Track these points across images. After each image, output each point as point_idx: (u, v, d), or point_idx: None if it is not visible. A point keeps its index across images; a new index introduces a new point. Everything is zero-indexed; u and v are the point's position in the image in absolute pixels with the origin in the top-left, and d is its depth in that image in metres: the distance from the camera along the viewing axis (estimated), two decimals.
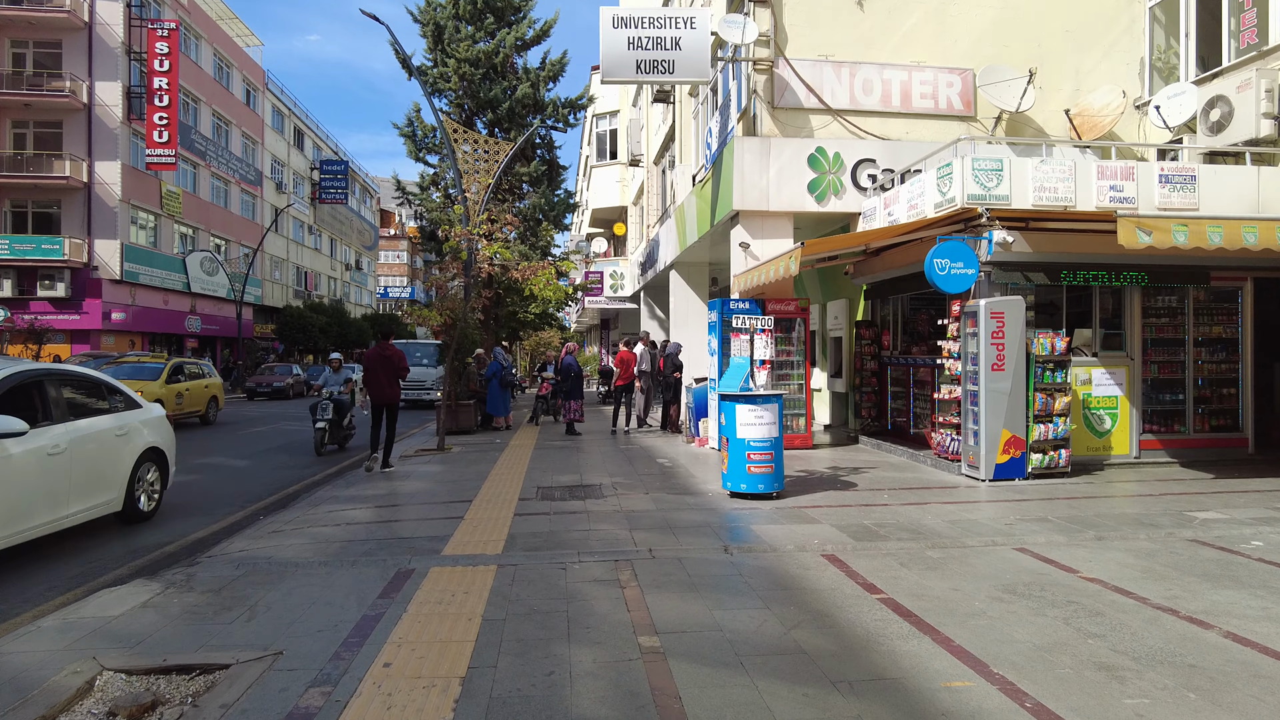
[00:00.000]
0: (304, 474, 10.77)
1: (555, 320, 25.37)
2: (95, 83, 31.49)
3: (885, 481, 8.85)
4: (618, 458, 10.92)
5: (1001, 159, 9.47)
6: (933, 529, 6.51)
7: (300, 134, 54.29)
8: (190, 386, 17.83)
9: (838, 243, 9.94)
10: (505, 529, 6.56)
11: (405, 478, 9.58)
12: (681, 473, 9.47)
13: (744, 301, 11.38)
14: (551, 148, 19.07)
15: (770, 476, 7.69)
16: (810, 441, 11.48)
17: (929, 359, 10.87)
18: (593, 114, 33.46)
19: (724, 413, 7.84)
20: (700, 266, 18.24)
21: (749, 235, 12.05)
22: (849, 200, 12.11)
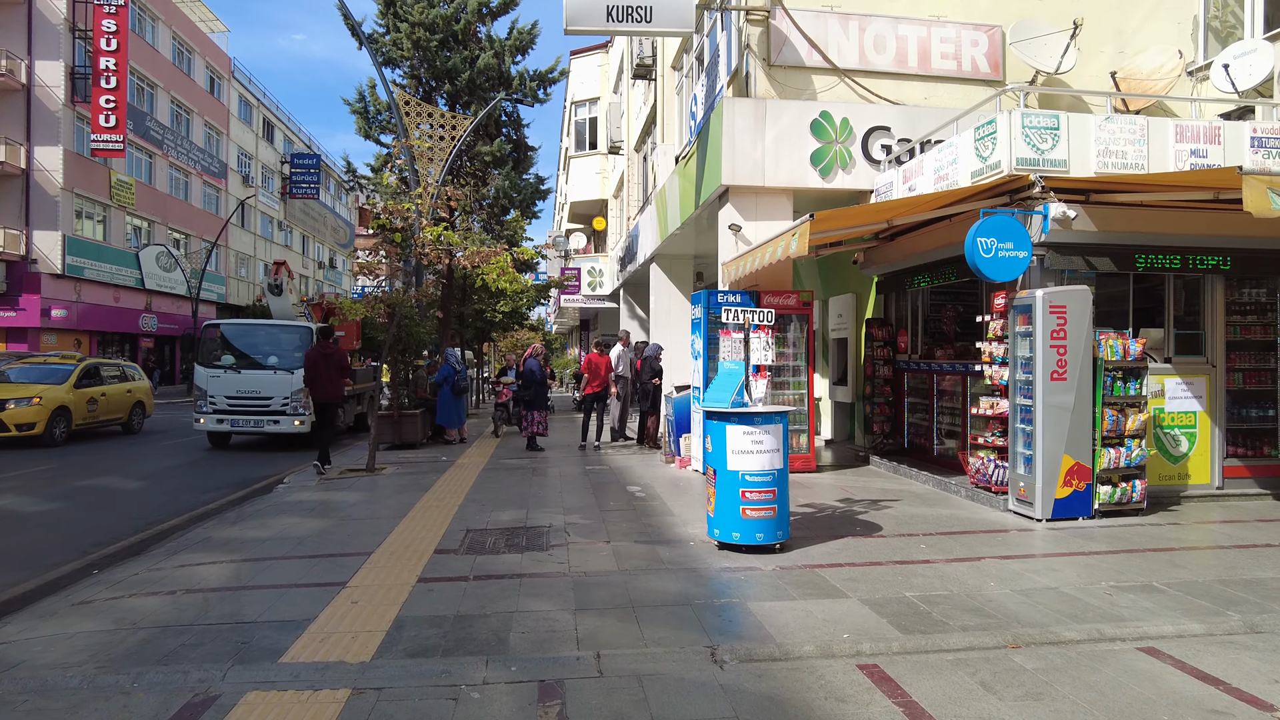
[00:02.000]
0: (200, 499, 8.73)
1: (525, 319, 23.31)
2: (35, 61, 29.20)
3: (916, 522, 6.92)
4: (581, 483, 8.94)
5: (1057, 115, 7.59)
6: (1004, 606, 4.59)
7: (270, 126, 51.94)
8: (108, 391, 15.67)
9: (855, 216, 8.02)
10: (395, 608, 4.57)
11: (307, 512, 7.55)
12: (656, 507, 7.50)
13: (734, 294, 9.45)
14: (519, 125, 17.06)
15: (772, 522, 5.74)
16: (814, 463, 9.54)
17: (958, 364, 8.97)
18: (571, 102, 31.57)
19: (710, 435, 5.89)
20: (684, 260, 16.31)
21: (740, 216, 10.12)
22: (859, 175, 10.22)
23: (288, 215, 53.21)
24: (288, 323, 14.27)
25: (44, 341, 28.92)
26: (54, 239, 29.06)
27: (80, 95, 29.96)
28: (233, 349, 13.89)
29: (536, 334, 36.32)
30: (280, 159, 52.24)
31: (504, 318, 21.01)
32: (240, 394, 13.29)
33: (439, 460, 11.13)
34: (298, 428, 13.08)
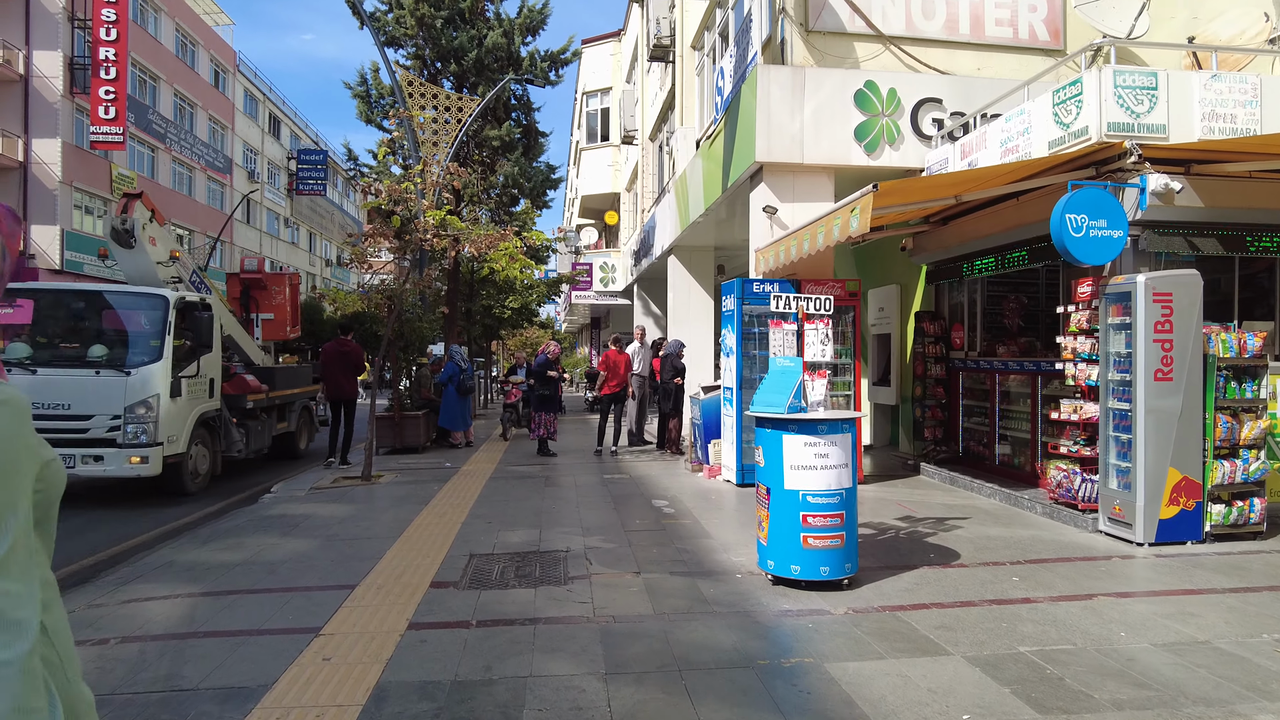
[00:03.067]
0: (175, 511, 7.80)
1: (535, 316, 22.35)
2: (33, 51, 28.46)
3: (995, 546, 5.90)
4: (599, 496, 7.94)
5: (1155, 73, 6.56)
6: (1154, 669, 3.57)
7: (276, 121, 51.22)
8: None
9: (924, 188, 6.98)
10: (378, 668, 3.60)
11: (289, 530, 6.58)
12: (689, 527, 6.50)
13: (771, 283, 8.43)
14: (529, 110, 16.09)
15: (839, 553, 4.74)
16: (860, 474, 8.51)
17: (1026, 362, 7.94)
18: (582, 93, 30.64)
19: (763, 447, 4.88)
20: (704, 252, 15.32)
21: (775, 197, 9.11)
22: (908, 151, 9.20)
23: (294, 212, 52.51)
24: (132, 291, 9.04)
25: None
26: (52, 233, 28.31)
27: (79, 86, 29.19)
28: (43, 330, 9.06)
29: (546, 332, 35.37)
30: (287, 155, 51.53)
31: (513, 314, 20.06)
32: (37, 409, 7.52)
33: (442, 467, 10.16)
34: (135, 467, 7.96)
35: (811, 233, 7.06)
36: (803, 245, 7.32)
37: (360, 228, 68.15)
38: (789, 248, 7.71)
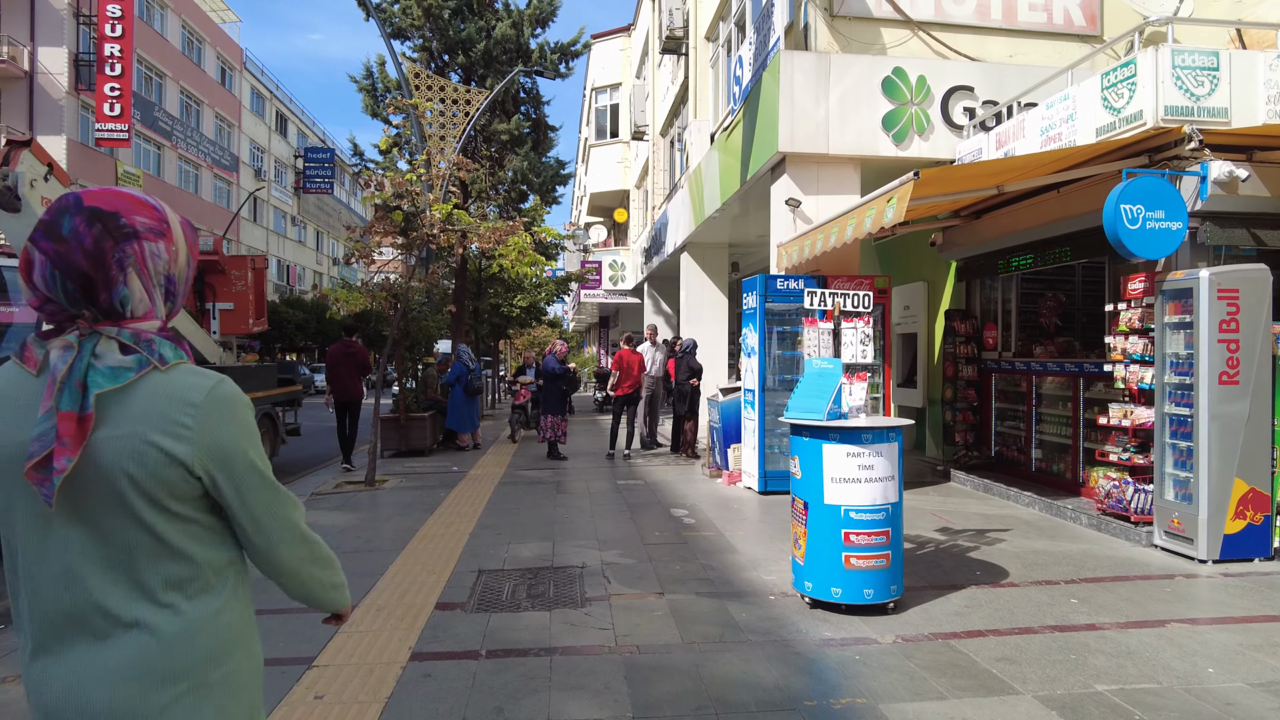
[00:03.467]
0: None
1: (543, 313, 21.95)
2: (38, 48, 28.29)
3: (1045, 562, 5.45)
4: (614, 504, 7.52)
5: (1216, 53, 6.10)
6: (1257, 715, 3.13)
7: (283, 119, 51.06)
8: None
9: (964, 178, 6.50)
10: (377, 708, 3.19)
11: None
12: (713, 540, 6.07)
13: (795, 279, 8.00)
14: (539, 103, 15.68)
15: (884, 574, 4.31)
16: None
17: (1067, 363, 7.48)
18: (591, 89, 30.21)
19: (800, 457, 4.46)
20: (718, 249, 14.90)
21: (799, 190, 8.68)
22: (938, 141, 8.76)
23: (301, 210, 52.26)
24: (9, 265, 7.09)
25: None
26: None
27: (84, 83, 28.96)
28: None
29: (554, 331, 34.98)
30: (294, 153, 51.26)
31: (521, 313, 19.67)
32: None
33: (449, 471, 9.76)
34: None
35: (841, 225, 6.62)
36: (829, 239, 6.88)
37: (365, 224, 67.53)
38: (815, 241, 7.28)
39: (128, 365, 1.15)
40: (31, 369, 1.17)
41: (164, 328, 1.23)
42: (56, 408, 1.11)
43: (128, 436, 1.14)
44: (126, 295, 1.18)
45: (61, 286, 1.15)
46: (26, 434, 1.13)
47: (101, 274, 1.15)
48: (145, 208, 1.21)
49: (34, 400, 1.15)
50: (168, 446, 1.15)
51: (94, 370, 1.13)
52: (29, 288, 1.16)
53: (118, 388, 1.14)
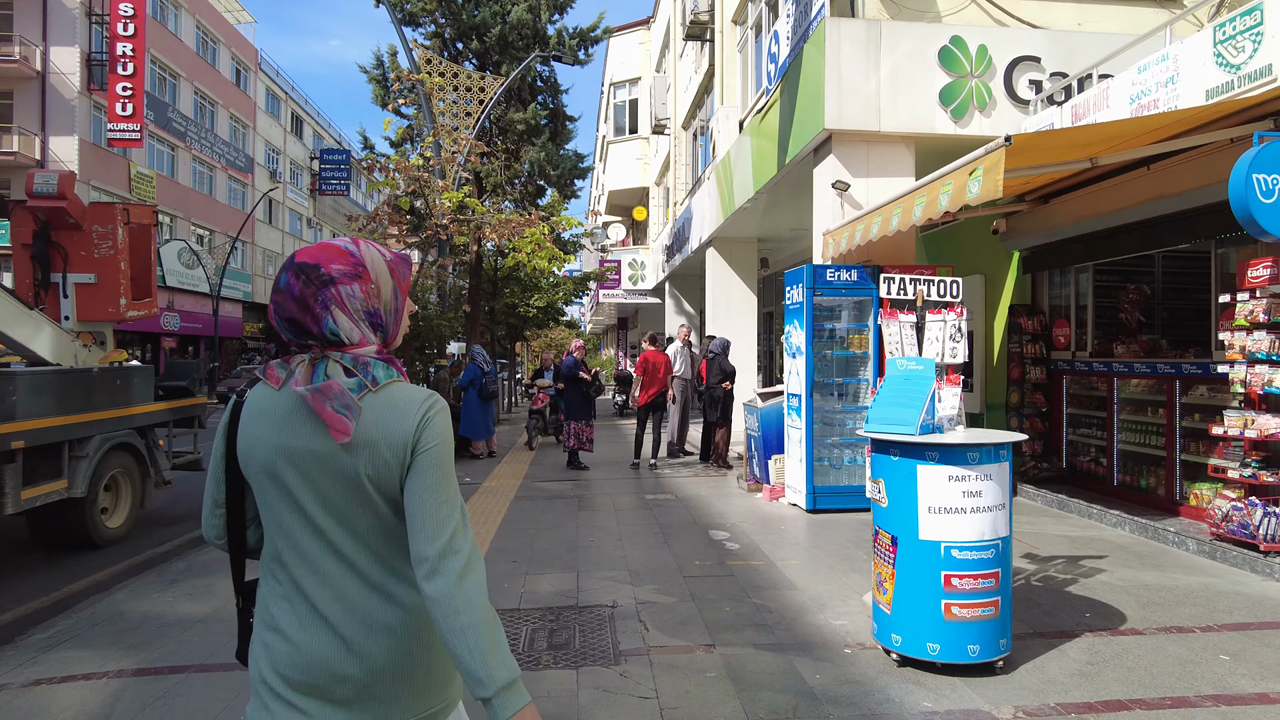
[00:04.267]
0: (150, 537, 6.68)
1: (561, 314, 21.17)
2: (50, 47, 27.92)
3: (1164, 600, 4.56)
4: (644, 523, 6.69)
5: None
6: None
7: (299, 120, 50.69)
8: None
9: (1059, 147, 5.55)
10: None
11: None
12: (763, 571, 5.22)
13: (848, 269, 7.14)
14: (557, 91, 14.91)
15: (993, 626, 3.46)
16: None
17: (1161, 364, 6.57)
18: (610, 84, 29.47)
19: (885, 480, 3.62)
20: (746, 243, 14.06)
21: (846, 172, 7.82)
22: (1000, 117, 7.88)
23: (317, 212, 51.80)
24: None
25: None
26: None
27: (97, 83, 28.62)
28: None
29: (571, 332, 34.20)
30: (310, 155, 50.86)
31: (538, 313, 18.91)
32: None
33: (461, 483, 8.91)
34: None
35: (905, 206, 5.76)
36: (890, 222, 6.02)
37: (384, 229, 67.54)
38: (870, 226, 6.42)
39: (353, 383, 1.37)
40: (275, 385, 1.42)
41: (380, 351, 1.44)
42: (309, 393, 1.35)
43: (368, 444, 1.35)
44: (335, 328, 1.39)
45: (282, 325, 1.41)
46: (275, 438, 1.38)
47: (307, 314, 1.37)
48: (342, 255, 1.41)
49: (279, 410, 1.40)
50: (389, 453, 1.36)
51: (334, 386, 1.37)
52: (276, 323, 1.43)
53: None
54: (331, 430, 1.32)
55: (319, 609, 1.36)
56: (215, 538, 1.56)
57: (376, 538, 1.38)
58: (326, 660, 1.34)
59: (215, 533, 1.55)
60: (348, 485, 1.35)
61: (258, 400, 1.43)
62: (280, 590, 1.40)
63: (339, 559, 1.37)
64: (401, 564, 1.40)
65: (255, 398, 1.44)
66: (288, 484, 1.37)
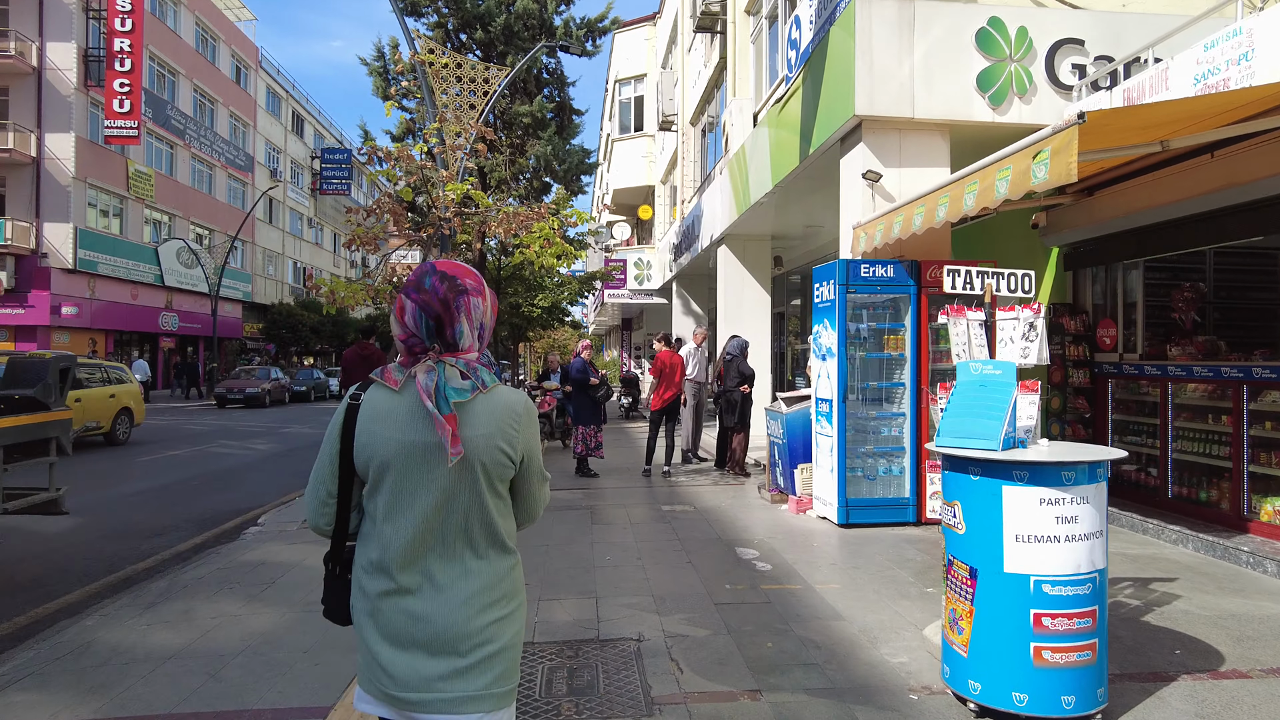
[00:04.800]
0: (140, 548, 6.20)
1: (566, 314, 20.68)
2: (46, 43, 27.46)
3: (1259, 634, 4.06)
4: (664, 539, 6.20)
5: None
6: None
7: (299, 119, 50.24)
8: (84, 396, 13.37)
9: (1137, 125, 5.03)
10: None
11: (261, 589, 4.95)
12: (801, 597, 4.72)
13: (883, 264, 6.65)
14: (563, 84, 14.45)
15: (1090, 673, 2.97)
16: None
17: (1226, 367, 6.07)
18: (615, 81, 29.01)
19: (962, 502, 3.12)
20: (759, 241, 13.59)
21: (878, 161, 7.33)
22: (1042, 105, 7.39)
23: (318, 212, 51.47)
24: None
25: (55, 341, 27.12)
26: (65, 231, 27.24)
27: (94, 79, 28.16)
28: None
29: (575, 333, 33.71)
30: (311, 154, 50.47)
31: (543, 313, 18.42)
32: None
33: None
34: None
35: (954, 195, 5.27)
36: (935, 214, 5.53)
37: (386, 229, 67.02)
38: (910, 218, 5.93)
39: (466, 387, 1.60)
40: (394, 387, 1.61)
41: (479, 358, 1.66)
42: (435, 412, 1.55)
43: (483, 439, 1.60)
44: (461, 332, 1.63)
45: (424, 324, 1.62)
46: (399, 434, 1.58)
47: (448, 316, 1.62)
48: (471, 273, 1.70)
49: (400, 410, 1.60)
50: (505, 447, 1.64)
51: (449, 386, 1.58)
52: (400, 326, 1.64)
53: (461, 401, 1.59)
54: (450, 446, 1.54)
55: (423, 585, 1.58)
56: (325, 525, 1.71)
57: (476, 513, 1.61)
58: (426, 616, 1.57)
59: (326, 521, 1.70)
60: (465, 472, 1.59)
61: (376, 401, 1.62)
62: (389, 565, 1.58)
63: (444, 531, 1.59)
64: (492, 533, 1.63)
65: (373, 399, 1.62)
66: (409, 472, 1.58)
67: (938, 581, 4.81)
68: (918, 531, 6.29)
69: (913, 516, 6.44)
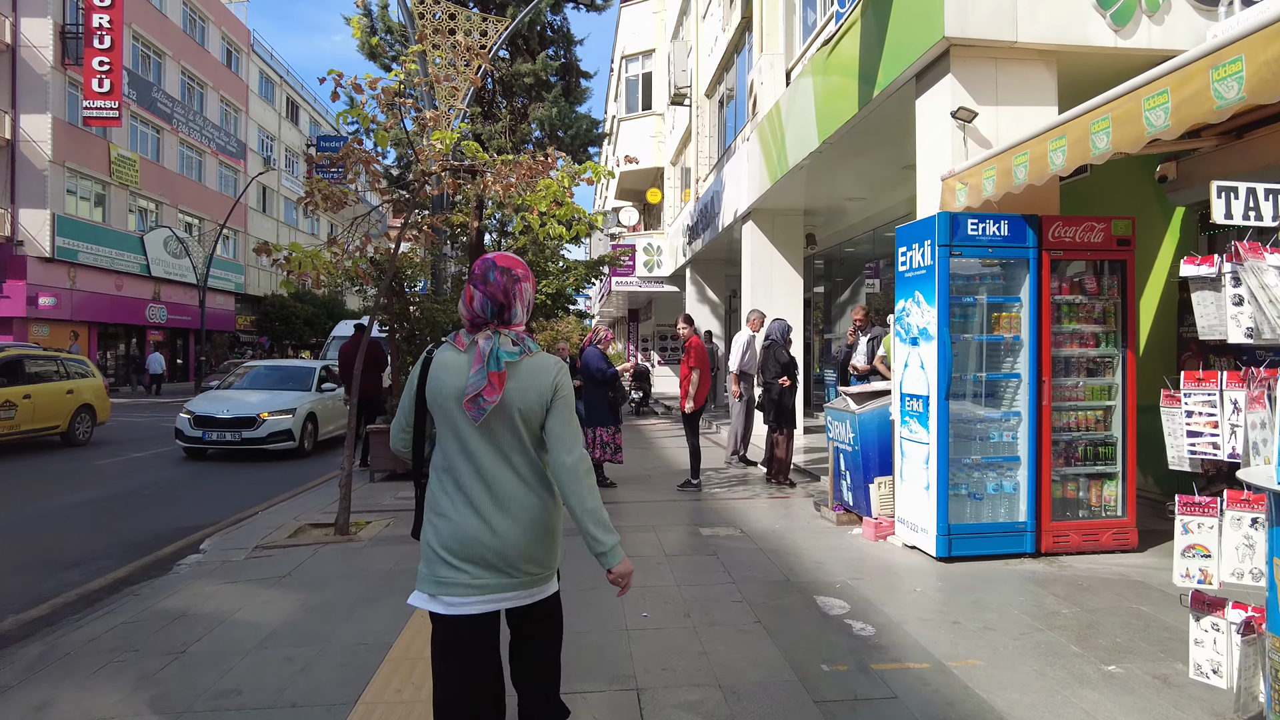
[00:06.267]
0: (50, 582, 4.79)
1: (572, 301, 19.23)
2: (20, 18, 25.91)
3: None
4: (713, 583, 4.74)
5: None
6: None
7: (294, 106, 48.68)
8: (35, 392, 11.95)
9: None
10: None
11: (163, 662, 3.53)
12: (941, 688, 3.26)
13: (994, 220, 5.17)
14: (570, 43, 12.95)
15: None
16: (1134, 537, 5.18)
17: None
18: (621, 57, 27.51)
19: None
20: (791, 216, 12.12)
21: (969, 97, 5.85)
22: (1176, 24, 5.91)
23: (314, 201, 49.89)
24: None
25: (32, 333, 25.67)
26: (42, 218, 25.76)
27: (71, 57, 26.60)
28: None
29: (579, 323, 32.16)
30: (306, 142, 48.87)
31: (547, 301, 16.94)
32: None
33: None
34: None
35: (1075, 134, 3.83)
36: (1087, 146, 4.06)
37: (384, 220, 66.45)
38: (1041, 155, 4.44)
39: (515, 351, 2.12)
40: (461, 349, 2.15)
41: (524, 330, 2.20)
42: (487, 368, 2.07)
43: (520, 391, 2.10)
44: (516, 312, 2.18)
45: (489, 308, 2.16)
46: (461, 382, 2.10)
47: (508, 301, 2.17)
48: (521, 264, 2.23)
49: (463, 365, 2.12)
50: (537, 400, 2.13)
51: (501, 350, 2.10)
52: (468, 309, 2.18)
53: (512, 361, 2.11)
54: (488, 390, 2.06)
55: (473, 500, 2.09)
56: (403, 448, 2.31)
57: (515, 451, 2.12)
58: (478, 535, 2.07)
59: (403, 444, 2.31)
60: (503, 416, 2.10)
61: (445, 357, 2.17)
62: (446, 487, 2.12)
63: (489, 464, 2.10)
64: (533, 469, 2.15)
65: (443, 355, 2.18)
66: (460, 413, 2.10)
67: (1115, 653, 3.38)
68: (1040, 566, 4.85)
69: (1030, 546, 4.99)
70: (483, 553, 2.03)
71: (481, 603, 2.05)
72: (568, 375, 2.16)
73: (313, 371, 12.76)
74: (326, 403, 12.35)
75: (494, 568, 2.04)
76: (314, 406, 11.85)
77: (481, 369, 2.04)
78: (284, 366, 13.33)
